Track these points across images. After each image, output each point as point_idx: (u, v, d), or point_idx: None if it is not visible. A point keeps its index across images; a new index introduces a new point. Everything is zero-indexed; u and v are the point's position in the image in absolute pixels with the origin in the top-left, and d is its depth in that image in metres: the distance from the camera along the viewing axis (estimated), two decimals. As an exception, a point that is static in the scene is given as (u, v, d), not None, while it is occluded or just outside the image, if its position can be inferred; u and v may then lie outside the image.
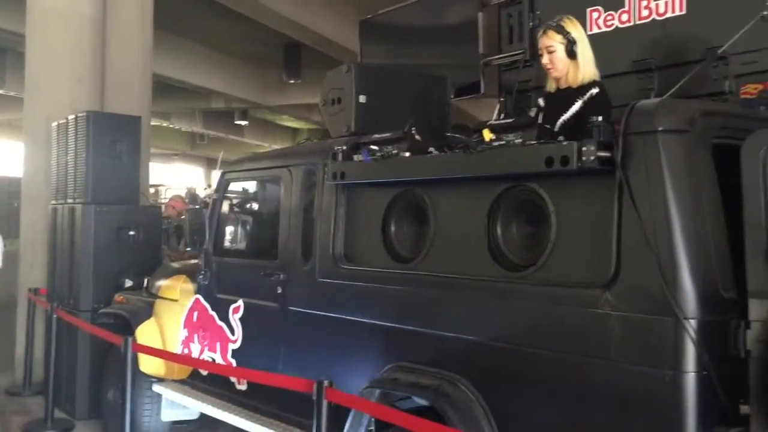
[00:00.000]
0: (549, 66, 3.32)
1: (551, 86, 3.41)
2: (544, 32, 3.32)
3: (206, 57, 16.97)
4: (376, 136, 3.55)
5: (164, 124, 23.25)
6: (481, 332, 3.05)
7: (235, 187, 4.79)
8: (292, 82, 16.90)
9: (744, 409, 2.49)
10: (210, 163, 34.10)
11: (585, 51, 3.28)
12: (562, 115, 3.25)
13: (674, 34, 3.59)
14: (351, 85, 3.96)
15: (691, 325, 2.42)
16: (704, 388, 2.42)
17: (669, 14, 3.62)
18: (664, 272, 2.46)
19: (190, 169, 33.95)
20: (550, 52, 3.29)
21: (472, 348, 3.08)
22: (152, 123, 22.01)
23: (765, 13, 3.24)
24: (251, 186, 4.85)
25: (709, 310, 2.47)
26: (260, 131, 26.33)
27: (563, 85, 3.35)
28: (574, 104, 3.21)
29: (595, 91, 3.21)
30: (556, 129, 3.09)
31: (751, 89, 4.18)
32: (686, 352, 2.42)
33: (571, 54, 3.25)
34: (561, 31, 3.26)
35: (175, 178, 28.49)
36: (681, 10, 3.57)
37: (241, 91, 18.85)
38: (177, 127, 24.79)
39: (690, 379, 2.41)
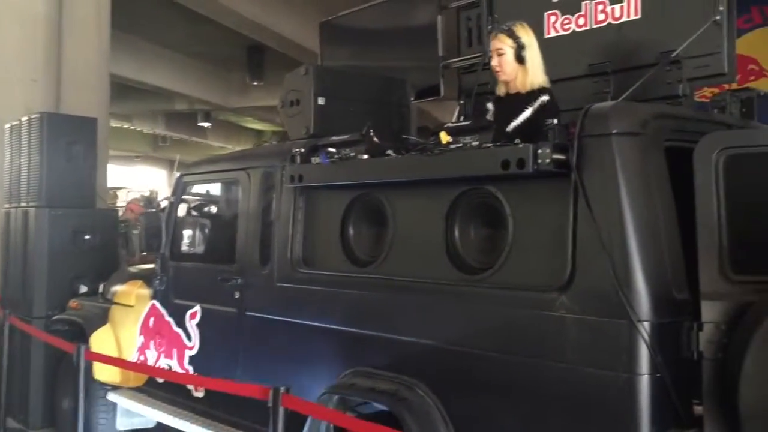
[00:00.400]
0: (498, 69, 3.35)
1: (501, 90, 3.45)
2: (495, 35, 3.36)
3: (169, 58, 16.76)
4: (334, 138, 3.52)
5: (125, 126, 22.91)
6: (438, 336, 3.04)
7: (193, 189, 4.71)
8: (255, 84, 16.78)
9: (697, 410, 2.51)
10: (173, 166, 33.67)
11: (534, 57, 3.32)
12: (512, 120, 3.26)
13: (630, 38, 3.61)
14: (309, 87, 3.93)
15: (645, 327, 2.44)
16: (658, 391, 2.43)
17: (624, 18, 3.64)
18: (617, 275, 2.47)
19: (152, 172, 33.47)
20: (499, 55, 3.32)
21: (430, 352, 3.06)
22: (113, 125, 21.69)
23: (717, 17, 3.29)
24: (209, 189, 4.78)
25: (663, 312, 2.48)
26: (224, 133, 26.09)
27: (512, 90, 3.38)
28: (524, 110, 3.22)
29: (545, 98, 3.25)
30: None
31: (706, 93, 4.25)
32: (640, 355, 2.44)
33: (520, 59, 3.29)
34: (511, 35, 3.30)
35: (137, 181, 28.06)
36: (636, 14, 3.60)
37: (204, 93, 18.67)
38: (139, 129, 24.45)
39: (644, 382, 2.43)
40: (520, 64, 3.29)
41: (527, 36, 3.32)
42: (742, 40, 7.94)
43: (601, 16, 3.74)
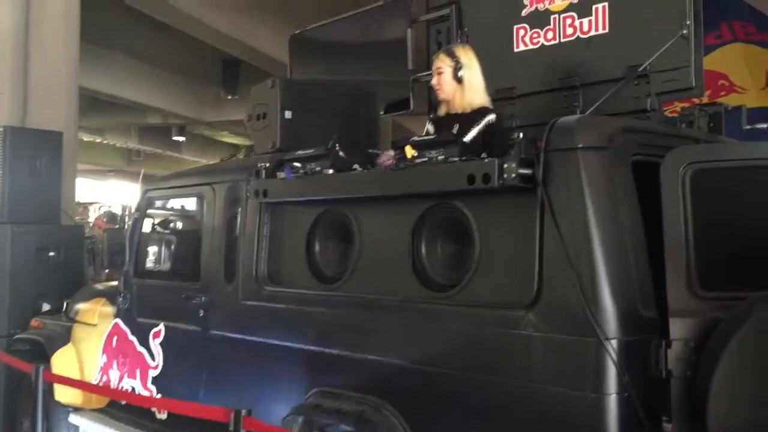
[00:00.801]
0: (437, 87, 3.40)
1: (441, 110, 3.47)
2: (436, 56, 3.43)
3: (142, 71, 16.60)
4: (300, 152, 3.45)
5: (98, 140, 22.63)
6: (405, 355, 2.96)
7: (158, 205, 4.60)
8: (230, 97, 16.65)
9: (666, 428, 2.47)
10: (147, 180, 33.37)
11: (473, 77, 3.36)
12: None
13: (598, 53, 3.59)
14: (276, 100, 3.86)
15: (612, 345, 2.38)
16: (626, 410, 2.38)
17: (593, 33, 3.61)
18: (584, 292, 2.42)
19: (126, 186, 33.10)
20: (438, 74, 3.38)
21: (397, 372, 2.99)
22: (85, 138, 21.44)
23: (685, 32, 3.27)
24: (174, 204, 4.67)
25: (630, 330, 2.44)
26: (199, 147, 25.87)
27: (453, 110, 3.40)
28: (469, 130, 3.20)
29: (491, 117, 3.26)
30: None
31: (677, 108, 4.24)
32: (607, 374, 2.38)
33: (458, 78, 3.33)
34: (451, 55, 3.37)
35: (109, 196, 27.73)
36: (604, 28, 3.58)
37: (179, 107, 18.50)
38: (111, 143, 24.16)
39: (612, 401, 2.37)
40: (458, 83, 3.34)
41: (466, 57, 3.38)
42: (712, 56, 8.05)
43: (569, 31, 3.71)
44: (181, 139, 22.66)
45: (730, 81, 8.20)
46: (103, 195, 26.97)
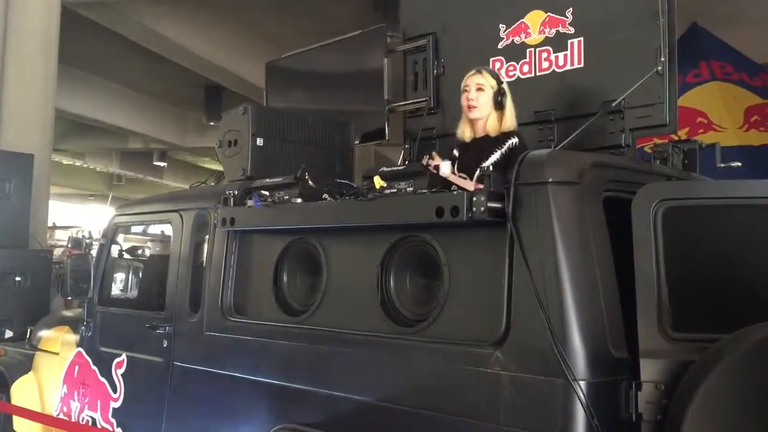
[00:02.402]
0: (473, 103, 3.24)
1: (466, 135, 3.34)
2: (478, 72, 3.28)
3: (124, 96, 16.50)
4: (268, 180, 3.37)
5: (78, 164, 22.42)
6: (371, 392, 2.87)
7: (124, 231, 4.50)
8: (212, 123, 16.55)
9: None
10: (128, 205, 33.05)
11: (510, 103, 3.28)
12: (480, 163, 3.15)
13: (573, 87, 3.58)
14: (247, 127, 3.78)
15: (581, 386, 2.31)
16: (594, 455, 2.29)
17: (568, 67, 3.61)
18: (553, 330, 2.35)
19: (107, 211, 32.83)
20: (478, 89, 3.24)
21: (362, 409, 2.89)
22: (65, 162, 21.19)
23: (659, 68, 3.26)
24: (141, 231, 4.57)
25: (600, 371, 2.36)
26: (181, 173, 25.67)
27: (480, 134, 3.30)
28: (492, 153, 3.13)
29: (514, 140, 3.17)
30: (474, 179, 2.95)
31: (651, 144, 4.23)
32: (576, 417, 2.30)
33: (499, 103, 3.24)
34: (496, 77, 3.28)
35: (90, 220, 27.42)
36: (579, 63, 3.57)
37: (160, 132, 18.38)
38: (92, 167, 23.94)
39: (580, 445, 2.28)
40: (496, 108, 3.24)
41: (506, 84, 3.32)
42: (690, 94, 8.13)
43: (545, 64, 3.71)
44: (163, 164, 22.49)
45: (708, 119, 8.26)
46: (84, 219, 26.64)
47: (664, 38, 3.29)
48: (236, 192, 3.52)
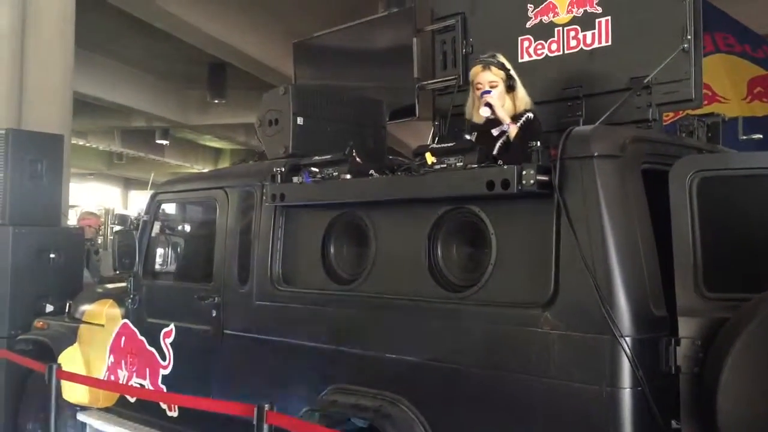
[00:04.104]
0: (492, 101, 3.39)
1: (480, 118, 3.48)
2: (486, 68, 3.42)
3: (127, 74, 16.54)
4: (317, 158, 3.56)
5: (81, 143, 22.46)
6: (421, 353, 3.08)
7: (167, 208, 4.68)
8: (216, 101, 16.67)
9: (675, 424, 2.61)
10: (128, 184, 33.09)
11: (519, 84, 3.45)
12: (497, 142, 3.35)
13: (600, 64, 3.75)
14: (288, 106, 3.96)
15: (627, 342, 2.52)
16: (639, 403, 2.52)
17: (596, 45, 3.78)
18: (600, 292, 2.56)
19: (106, 189, 32.83)
20: (493, 87, 3.40)
21: (413, 369, 3.10)
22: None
23: (685, 46, 3.44)
24: (184, 207, 4.75)
25: (643, 328, 2.58)
26: (182, 151, 25.76)
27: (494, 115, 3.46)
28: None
29: (530, 116, 3.36)
30: (495, 153, 3.17)
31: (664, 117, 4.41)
32: (622, 369, 2.52)
33: (510, 88, 3.41)
34: (503, 67, 3.42)
35: (90, 199, 27.49)
36: (607, 41, 3.74)
37: (163, 110, 18.44)
38: (94, 146, 23.99)
39: (626, 395, 2.51)
40: (509, 93, 3.42)
41: (510, 65, 3.45)
42: (695, 66, 8.27)
43: (573, 43, 3.87)
44: (165, 142, 22.56)
45: (712, 91, 8.40)
46: (83, 198, 26.73)
47: (690, 17, 3.46)
48: (283, 169, 3.70)
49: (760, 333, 2.42)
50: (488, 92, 3.33)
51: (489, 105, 3.32)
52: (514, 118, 3.37)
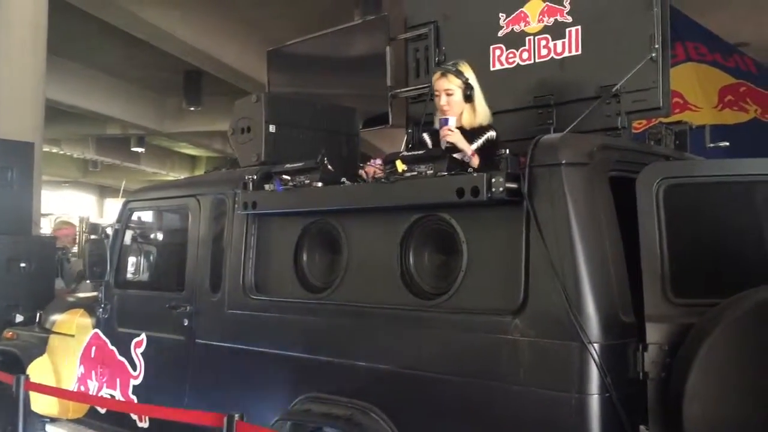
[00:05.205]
0: (446, 108, 3.42)
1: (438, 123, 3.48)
2: (443, 75, 3.43)
3: (102, 82, 16.40)
4: (289, 165, 3.55)
5: (54, 150, 22.22)
6: (393, 361, 3.08)
7: (139, 216, 4.64)
8: (192, 109, 16.57)
9: (644, 429, 2.63)
10: (103, 192, 32.78)
11: (479, 95, 3.45)
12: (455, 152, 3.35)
13: (571, 73, 3.79)
14: (261, 114, 3.95)
15: (595, 348, 2.54)
16: (607, 410, 2.54)
17: (566, 54, 3.81)
18: (569, 298, 2.58)
19: (81, 197, 32.50)
20: (448, 95, 3.41)
21: (385, 377, 3.10)
22: (42, 149, 20.89)
23: (653, 54, 3.49)
24: (156, 215, 4.71)
25: (611, 334, 2.60)
26: (157, 159, 25.58)
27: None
28: (471, 143, 3.32)
29: (492, 134, 3.38)
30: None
31: (635, 125, 4.47)
32: (591, 375, 2.54)
33: (468, 98, 3.41)
34: (459, 75, 3.41)
35: (64, 207, 27.19)
36: (577, 50, 3.78)
37: (139, 118, 18.29)
38: (68, 154, 23.74)
39: (594, 401, 2.53)
40: (467, 102, 3.41)
41: (472, 75, 3.44)
42: (667, 74, 8.38)
43: (544, 51, 3.90)
44: (140, 150, 22.38)
45: (684, 99, 8.52)
46: (58, 206, 26.42)
47: (658, 26, 3.51)
48: (255, 177, 3.69)
49: (724, 338, 2.45)
50: (446, 121, 3.29)
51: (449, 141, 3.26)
52: (474, 131, 3.37)
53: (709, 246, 2.72)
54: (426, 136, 3.58)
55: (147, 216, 4.70)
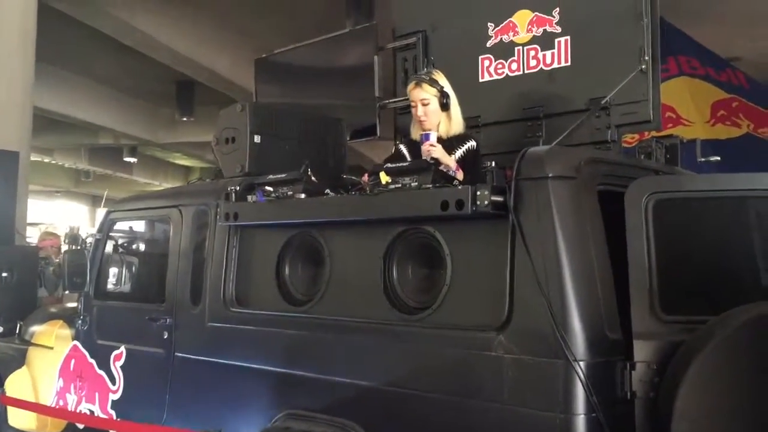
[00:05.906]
0: (423, 118, 3.37)
1: (416, 134, 3.44)
2: (418, 85, 3.37)
3: (95, 91, 16.32)
4: (271, 176, 3.48)
5: (46, 160, 22.11)
6: (375, 377, 3.00)
7: (121, 227, 4.55)
8: (184, 119, 16.51)
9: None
10: (95, 201, 32.63)
11: (455, 103, 3.40)
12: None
13: (560, 84, 3.73)
14: (245, 124, 3.88)
15: (581, 367, 2.47)
16: (594, 431, 2.45)
17: (555, 65, 3.76)
18: (554, 315, 2.51)
19: (73, 207, 32.36)
20: (424, 105, 3.35)
21: (366, 393, 3.02)
22: (33, 158, 20.94)
23: (643, 67, 3.43)
24: (138, 226, 4.63)
25: (597, 352, 2.53)
26: (150, 169, 25.48)
27: None
28: (451, 154, 3.26)
29: (473, 143, 3.33)
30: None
31: (627, 139, 4.41)
32: (576, 395, 2.46)
33: (444, 106, 3.35)
34: (434, 84, 3.35)
35: (57, 217, 27.04)
36: (566, 61, 3.73)
37: (131, 128, 18.21)
38: (60, 164, 23.62)
39: (580, 422, 2.45)
40: (444, 111, 3.36)
41: (446, 83, 3.39)
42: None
43: (533, 62, 3.85)
44: (133, 160, 22.27)
45: (677, 113, 8.50)
46: (50, 216, 26.28)
47: (648, 38, 3.46)
48: (238, 188, 3.61)
49: (714, 356, 2.38)
50: (427, 137, 3.22)
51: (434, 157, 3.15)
52: (451, 140, 3.31)
53: (698, 262, 2.65)
54: (403, 147, 3.52)
55: (129, 226, 4.61)
